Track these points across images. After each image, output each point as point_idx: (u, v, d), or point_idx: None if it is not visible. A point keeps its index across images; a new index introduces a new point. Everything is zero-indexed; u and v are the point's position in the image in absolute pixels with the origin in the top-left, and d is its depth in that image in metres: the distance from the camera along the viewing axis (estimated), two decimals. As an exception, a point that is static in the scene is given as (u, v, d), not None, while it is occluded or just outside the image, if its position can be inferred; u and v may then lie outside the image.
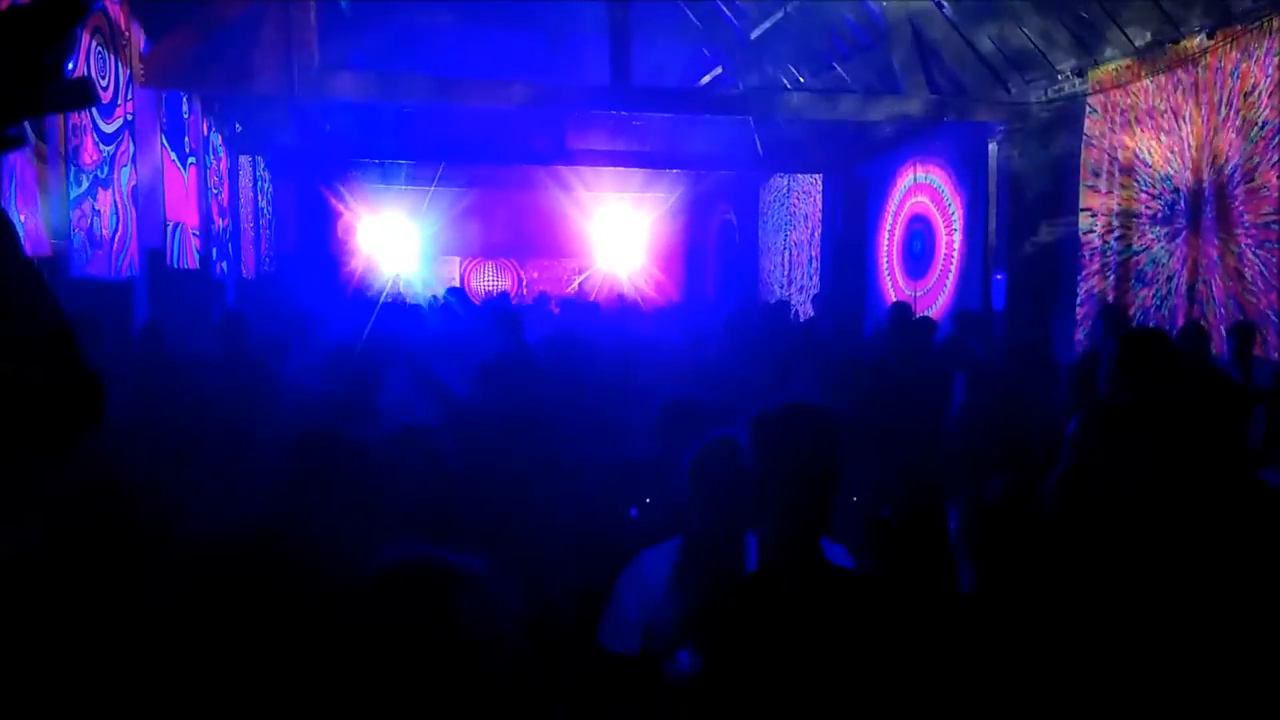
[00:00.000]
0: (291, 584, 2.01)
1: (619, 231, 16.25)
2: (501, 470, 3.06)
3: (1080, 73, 8.36)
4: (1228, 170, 6.91)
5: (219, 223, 10.59)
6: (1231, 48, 6.83)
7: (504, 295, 14.02)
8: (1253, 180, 6.69)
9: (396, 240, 15.12)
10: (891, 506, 2.69)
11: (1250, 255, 6.72)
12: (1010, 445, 3.36)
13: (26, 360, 1.09)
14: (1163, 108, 7.57)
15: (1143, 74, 7.73)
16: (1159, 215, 7.67)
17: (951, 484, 2.75)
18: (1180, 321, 7.25)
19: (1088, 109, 8.38)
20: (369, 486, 2.39)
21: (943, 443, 4.10)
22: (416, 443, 2.94)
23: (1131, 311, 7.85)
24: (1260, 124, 6.60)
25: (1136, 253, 7.91)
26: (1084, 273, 8.48)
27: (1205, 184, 7.12)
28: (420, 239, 15.37)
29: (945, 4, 8.95)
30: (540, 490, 2.96)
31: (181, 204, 8.96)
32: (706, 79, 13.18)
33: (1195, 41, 7.13)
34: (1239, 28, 6.76)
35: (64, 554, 1.80)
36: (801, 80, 11.78)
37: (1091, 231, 8.38)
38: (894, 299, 11.84)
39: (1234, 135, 6.84)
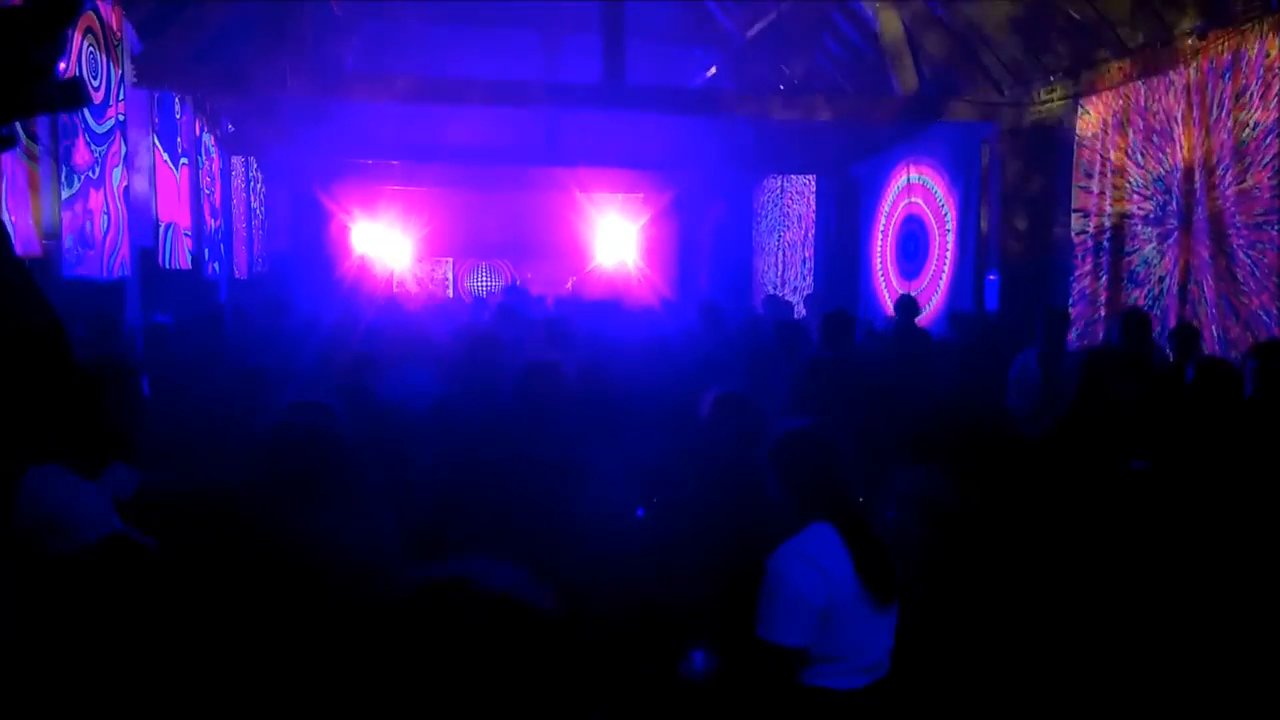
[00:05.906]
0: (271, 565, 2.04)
1: (612, 232, 16.24)
2: (503, 467, 3.06)
3: (1073, 74, 8.38)
4: (1219, 171, 6.93)
5: (211, 223, 10.55)
6: (1223, 49, 6.84)
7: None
8: (1244, 181, 6.71)
9: (390, 241, 15.09)
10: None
11: (1242, 256, 6.74)
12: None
13: (16, 359, 1.09)
14: (1155, 109, 7.59)
15: (1135, 75, 7.75)
16: (1151, 216, 7.69)
17: None
18: (1172, 322, 7.27)
19: (1080, 110, 8.40)
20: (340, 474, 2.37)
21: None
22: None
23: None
24: (1251, 125, 6.61)
25: (1129, 253, 7.93)
26: (1076, 273, 8.50)
27: (1197, 185, 7.14)
28: (413, 239, 15.33)
29: (938, 5, 8.96)
30: (541, 487, 2.95)
31: (174, 204, 8.93)
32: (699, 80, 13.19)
33: (1187, 43, 7.15)
34: (1230, 29, 6.78)
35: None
36: (794, 81, 11.79)
37: (1084, 232, 8.40)
38: (888, 300, 11.86)
39: (1225, 136, 6.85)
